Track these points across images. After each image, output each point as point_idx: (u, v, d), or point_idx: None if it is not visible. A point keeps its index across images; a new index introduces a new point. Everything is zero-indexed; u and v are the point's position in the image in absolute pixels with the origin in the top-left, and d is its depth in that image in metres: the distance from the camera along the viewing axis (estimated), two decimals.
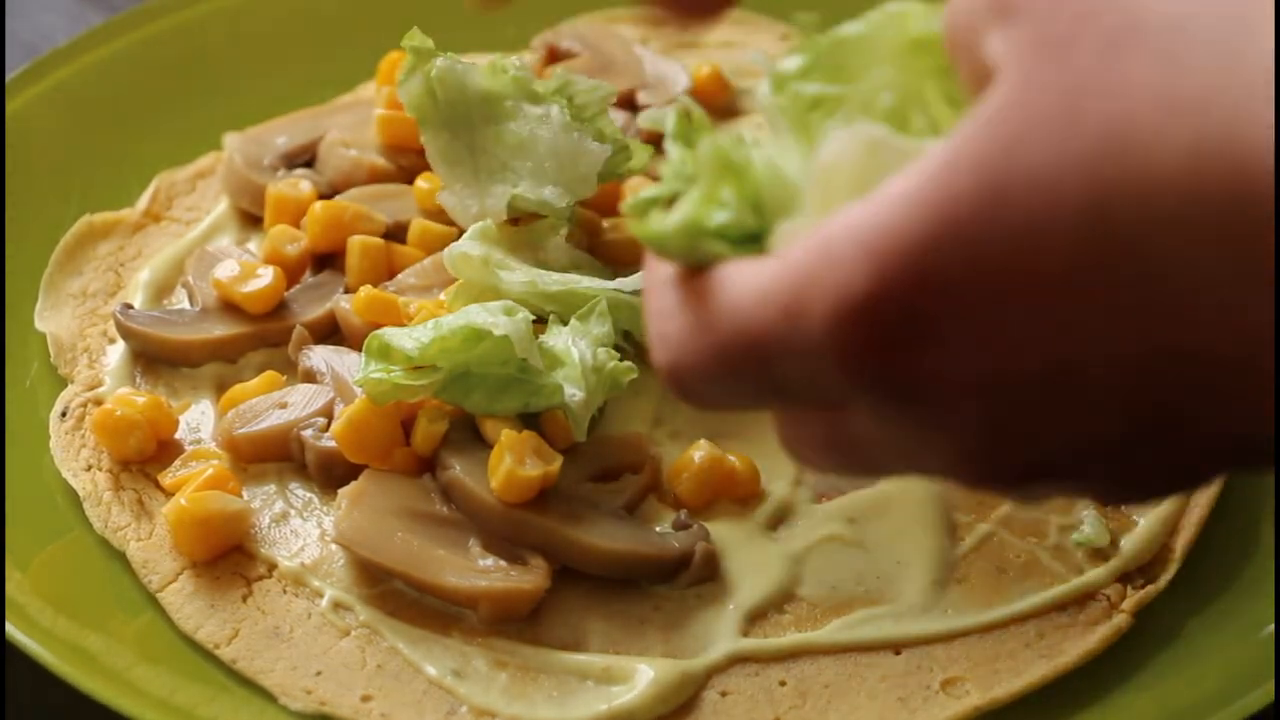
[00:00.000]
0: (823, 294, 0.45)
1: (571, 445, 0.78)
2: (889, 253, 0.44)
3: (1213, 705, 0.70)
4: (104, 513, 0.79)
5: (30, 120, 0.98)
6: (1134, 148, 0.41)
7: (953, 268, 0.43)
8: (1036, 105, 0.43)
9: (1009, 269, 0.43)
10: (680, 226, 0.51)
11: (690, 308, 0.50)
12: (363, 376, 0.76)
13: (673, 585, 0.76)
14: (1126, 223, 0.42)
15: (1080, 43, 0.43)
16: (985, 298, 0.43)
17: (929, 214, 0.43)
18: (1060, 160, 0.42)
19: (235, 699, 0.72)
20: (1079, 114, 0.42)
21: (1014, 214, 0.43)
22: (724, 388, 0.51)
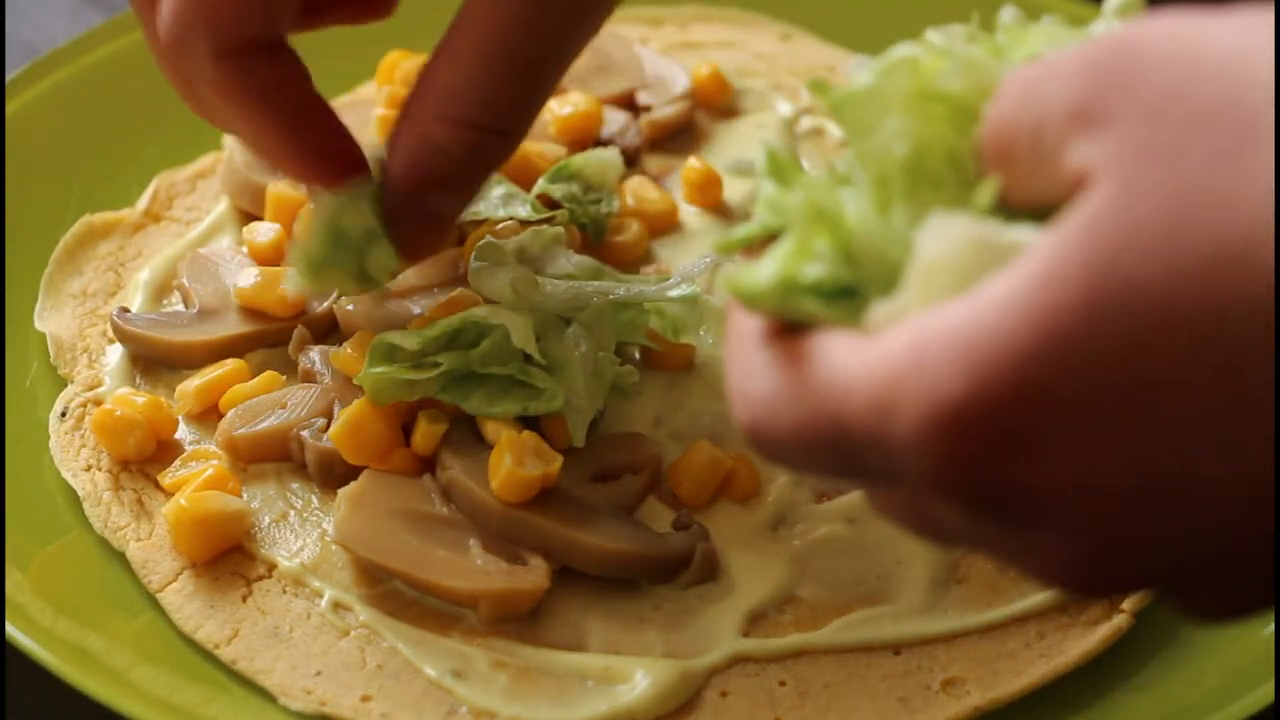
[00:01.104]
0: (914, 397, 0.44)
1: (572, 446, 0.78)
2: (986, 362, 0.43)
3: (1213, 705, 0.70)
4: (104, 513, 0.79)
5: (30, 120, 0.98)
6: (1253, 260, 0.40)
7: (1053, 380, 0.42)
8: (1144, 213, 0.42)
9: (1113, 384, 0.42)
10: (775, 283, 0.50)
11: (779, 374, 0.49)
12: (363, 374, 0.76)
13: (673, 585, 0.76)
14: (1241, 339, 0.41)
15: (1191, 150, 0.42)
16: (1087, 412, 0.42)
17: (1029, 323, 0.42)
18: (1171, 272, 0.41)
19: (235, 699, 0.72)
20: (1190, 223, 0.41)
21: (1121, 327, 0.42)
22: (805, 459, 0.50)
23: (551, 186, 0.89)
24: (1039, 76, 0.47)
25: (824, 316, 0.50)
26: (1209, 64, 0.43)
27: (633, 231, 0.92)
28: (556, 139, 0.97)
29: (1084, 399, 0.42)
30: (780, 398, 0.49)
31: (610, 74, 1.04)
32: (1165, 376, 0.42)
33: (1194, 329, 0.41)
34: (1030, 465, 0.44)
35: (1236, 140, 0.42)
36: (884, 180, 0.51)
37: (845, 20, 1.12)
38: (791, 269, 0.50)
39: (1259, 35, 0.44)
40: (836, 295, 0.50)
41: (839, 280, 0.50)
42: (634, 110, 1.02)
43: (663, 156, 1.00)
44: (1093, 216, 0.43)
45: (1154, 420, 0.42)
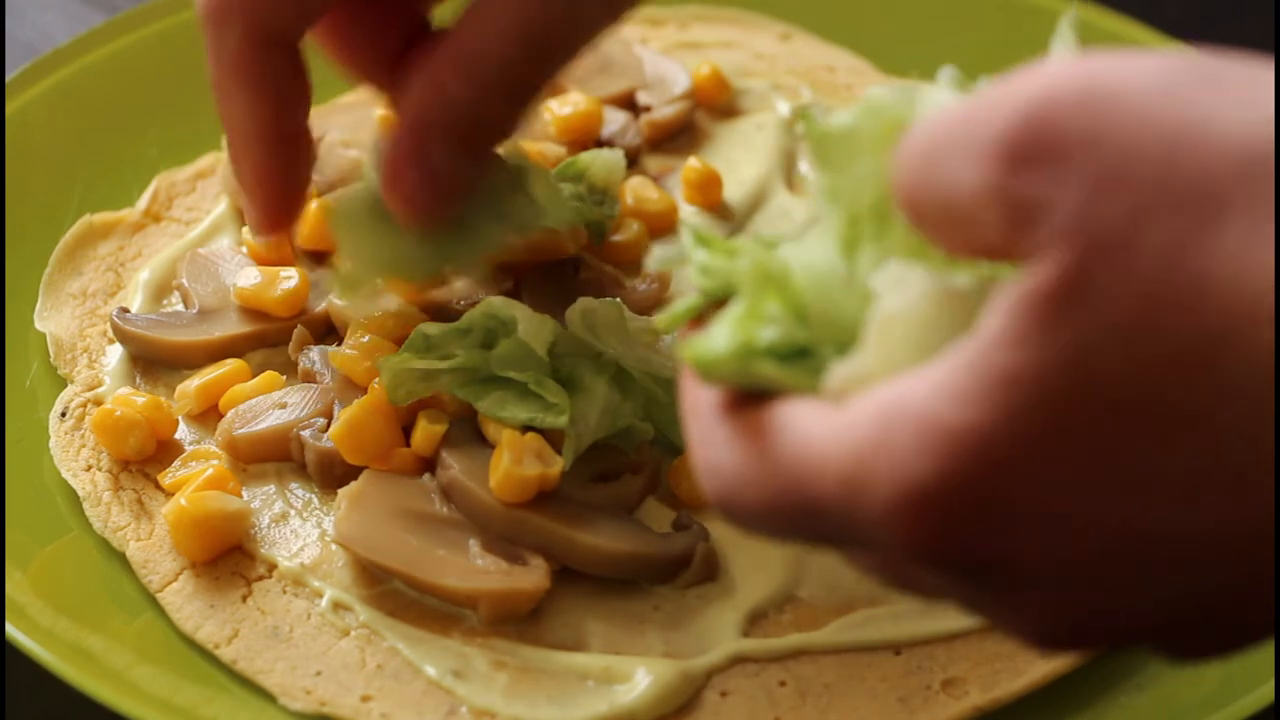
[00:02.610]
0: (883, 477, 0.44)
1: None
2: (952, 442, 0.43)
3: (1213, 705, 0.70)
4: (104, 513, 0.79)
5: (30, 120, 0.98)
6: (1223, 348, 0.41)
7: (1020, 457, 0.43)
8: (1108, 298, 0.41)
9: (1082, 458, 0.42)
10: (732, 350, 0.50)
11: (744, 450, 0.49)
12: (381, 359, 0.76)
13: (673, 585, 0.76)
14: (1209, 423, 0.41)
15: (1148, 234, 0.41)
16: (1058, 485, 0.43)
17: (993, 400, 0.42)
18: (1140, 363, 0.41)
19: (235, 699, 0.72)
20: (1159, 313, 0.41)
21: (1089, 410, 0.42)
22: (778, 532, 0.50)
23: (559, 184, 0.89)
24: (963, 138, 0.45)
25: (782, 380, 0.50)
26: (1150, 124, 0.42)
27: (633, 231, 0.92)
28: (556, 139, 0.97)
29: (1055, 474, 0.43)
30: (748, 475, 0.49)
31: (610, 74, 1.04)
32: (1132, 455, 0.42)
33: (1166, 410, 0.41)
34: (1000, 538, 0.44)
35: (1196, 221, 0.41)
36: (854, 221, 0.51)
37: (845, 20, 1.12)
38: (747, 334, 0.50)
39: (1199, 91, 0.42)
40: (792, 357, 0.50)
41: (794, 341, 0.50)
42: (634, 110, 1.02)
43: (663, 156, 1.00)
44: (1046, 294, 0.42)
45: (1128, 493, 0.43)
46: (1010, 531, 0.44)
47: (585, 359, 0.77)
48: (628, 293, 0.88)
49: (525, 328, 0.76)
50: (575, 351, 0.77)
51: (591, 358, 0.77)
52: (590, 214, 0.89)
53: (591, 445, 0.77)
